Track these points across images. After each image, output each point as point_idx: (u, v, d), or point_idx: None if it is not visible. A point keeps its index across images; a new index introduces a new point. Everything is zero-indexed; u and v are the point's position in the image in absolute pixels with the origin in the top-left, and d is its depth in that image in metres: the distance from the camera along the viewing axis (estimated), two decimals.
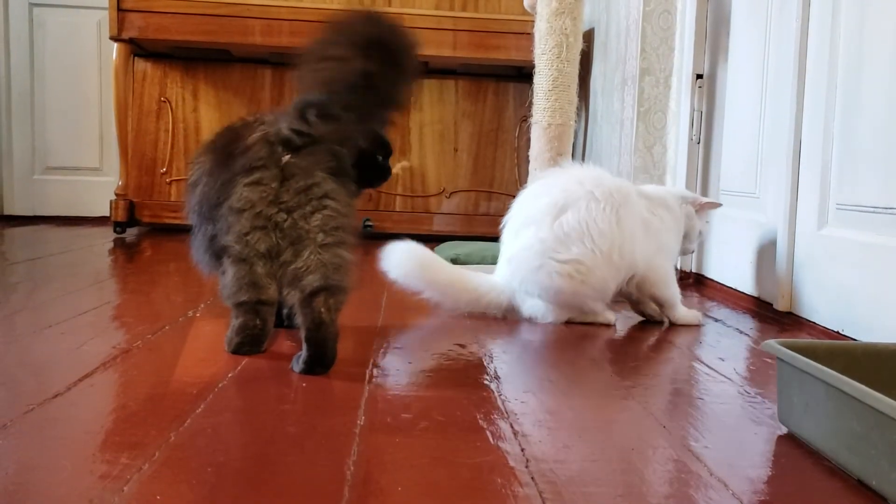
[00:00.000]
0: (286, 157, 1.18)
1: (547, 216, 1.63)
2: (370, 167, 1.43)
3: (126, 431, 0.91)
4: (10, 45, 3.67)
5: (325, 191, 1.19)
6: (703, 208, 1.80)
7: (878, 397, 0.79)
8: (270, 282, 1.20)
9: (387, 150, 1.53)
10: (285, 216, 1.17)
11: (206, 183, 1.22)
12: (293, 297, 1.18)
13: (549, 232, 1.62)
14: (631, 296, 1.73)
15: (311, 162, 1.19)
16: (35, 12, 3.68)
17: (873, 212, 1.50)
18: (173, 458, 0.83)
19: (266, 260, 1.18)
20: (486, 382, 1.18)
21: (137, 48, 3.18)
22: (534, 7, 2.25)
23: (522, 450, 0.90)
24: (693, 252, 1.82)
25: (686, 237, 1.79)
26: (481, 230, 3.29)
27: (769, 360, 1.38)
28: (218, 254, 1.22)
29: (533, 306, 1.66)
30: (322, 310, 1.16)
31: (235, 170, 1.18)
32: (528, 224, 1.66)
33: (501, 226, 1.74)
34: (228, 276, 1.21)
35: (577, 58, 2.18)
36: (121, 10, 2.97)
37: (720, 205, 1.87)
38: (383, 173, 1.49)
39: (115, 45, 3.05)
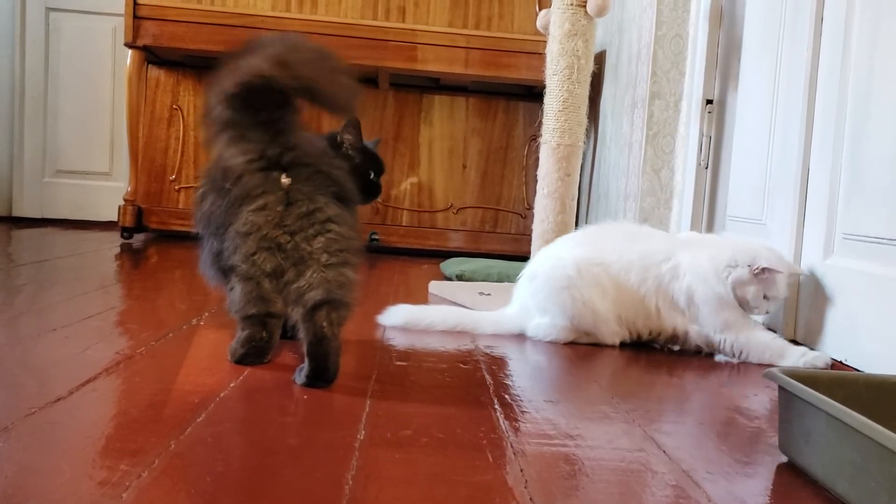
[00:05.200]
0: (285, 180, 1.19)
1: (587, 259, 1.67)
2: (362, 183, 1.49)
3: (127, 438, 0.91)
4: (25, 49, 3.71)
5: (328, 215, 1.20)
6: (761, 273, 1.57)
7: (879, 429, 0.79)
8: (278, 297, 1.21)
9: (380, 168, 1.59)
10: (288, 238, 1.18)
11: (213, 201, 1.23)
12: (297, 314, 1.19)
13: (587, 261, 1.66)
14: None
15: (312, 187, 1.20)
16: (51, 17, 3.72)
17: (879, 243, 1.50)
18: (173, 467, 0.83)
19: (272, 278, 1.19)
20: (487, 401, 1.18)
21: (151, 55, 3.21)
22: (546, 28, 2.27)
23: (521, 470, 0.90)
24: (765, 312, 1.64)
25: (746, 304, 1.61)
26: (488, 247, 3.30)
27: (771, 388, 1.38)
28: (225, 271, 1.23)
29: (538, 325, 1.68)
30: (324, 324, 1.16)
31: (235, 199, 1.19)
32: (569, 248, 1.70)
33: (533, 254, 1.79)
34: (236, 292, 1.21)
35: (588, 79, 2.19)
36: (136, 18, 3.00)
37: (780, 272, 1.59)
38: (374, 190, 1.60)
39: (130, 51, 3.08)
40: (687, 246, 1.68)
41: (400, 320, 1.69)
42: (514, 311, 1.74)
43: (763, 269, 1.56)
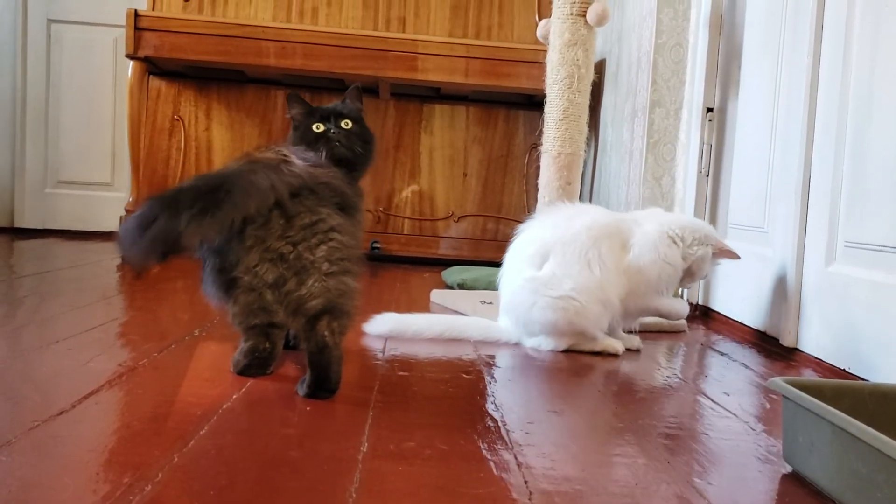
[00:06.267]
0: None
1: (531, 265, 1.69)
2: (309, 138, 1.46)
3: (130, 451, 0.91)
4: (27, 60, 3.71)
5: (330, 225, 1.20)
6: (720, 254, 1.79)
7: (884, 439, 0.79)
8: (280, 307, 1.21)
9: (318, 114, 1.51)
10: (291, 248, 1.18)
11: None
12: (298, 323, 1.19)
13: (534, 274, 1.67)
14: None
15: (314, 201, 1.20)
16: (53, 28, 3.72)
17: (881, 251, 1.50)
18: (176, 480, 0.83)
19: (274, 289, 1.19)
20: (490, 412, 1.18)
21: (152, 66, 3.21)
22: (546, 37, 2.27)
23: (526, 482, 0.89)
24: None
25: (690, 273, 1.77)
26: (488, 255, 3.29)
27: (775, 397, 1.37)
28: (227, 286, 1.22)
29: (534, 341, 1.70)
30: (325, 333, 1.16)
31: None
32: (515, 273, 1.72)
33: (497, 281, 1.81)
34: (239, 304, 1.21)
35: (588, 88, 2.19)
36: (137, 29, 3.00)
37: (738, 257, 1.83)
38: (320, 139, 1.48)
39: (131, 62, 3.08)
40: (634, 220, 1.77)
41: (385, 329, 1.69)
42: (506, 323, 1.74)
43: (722, 251, 1.78)
